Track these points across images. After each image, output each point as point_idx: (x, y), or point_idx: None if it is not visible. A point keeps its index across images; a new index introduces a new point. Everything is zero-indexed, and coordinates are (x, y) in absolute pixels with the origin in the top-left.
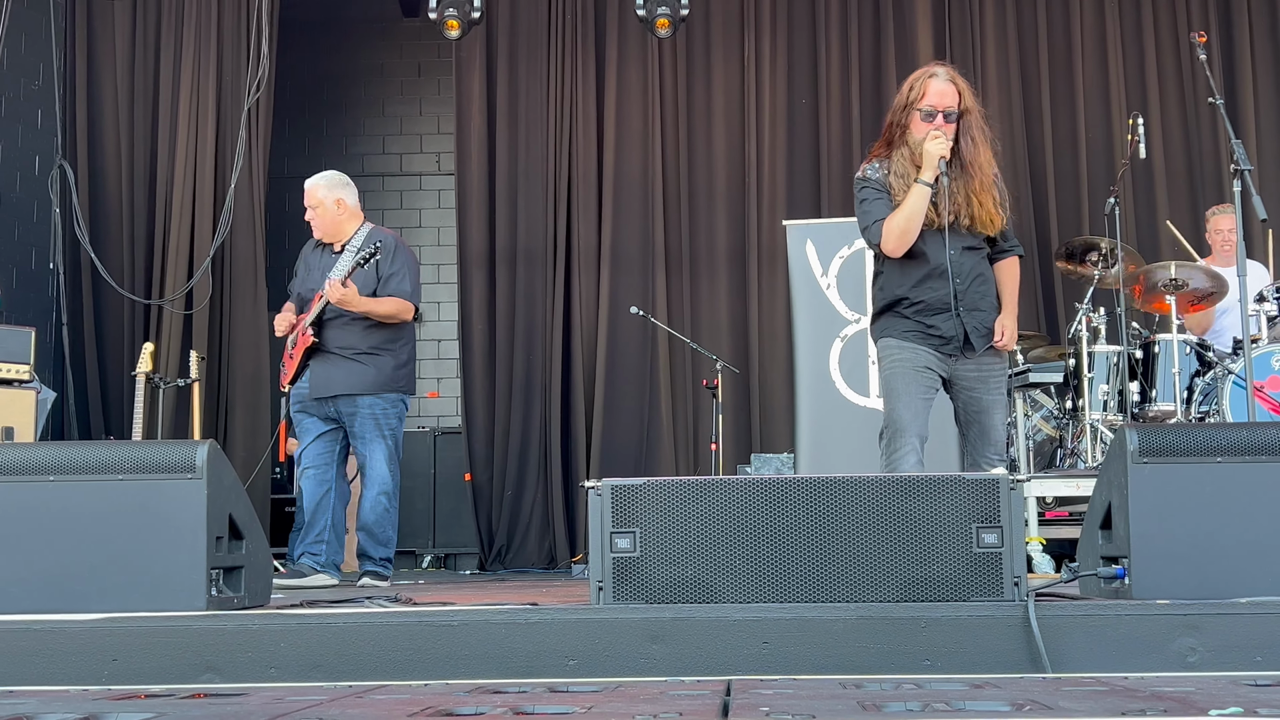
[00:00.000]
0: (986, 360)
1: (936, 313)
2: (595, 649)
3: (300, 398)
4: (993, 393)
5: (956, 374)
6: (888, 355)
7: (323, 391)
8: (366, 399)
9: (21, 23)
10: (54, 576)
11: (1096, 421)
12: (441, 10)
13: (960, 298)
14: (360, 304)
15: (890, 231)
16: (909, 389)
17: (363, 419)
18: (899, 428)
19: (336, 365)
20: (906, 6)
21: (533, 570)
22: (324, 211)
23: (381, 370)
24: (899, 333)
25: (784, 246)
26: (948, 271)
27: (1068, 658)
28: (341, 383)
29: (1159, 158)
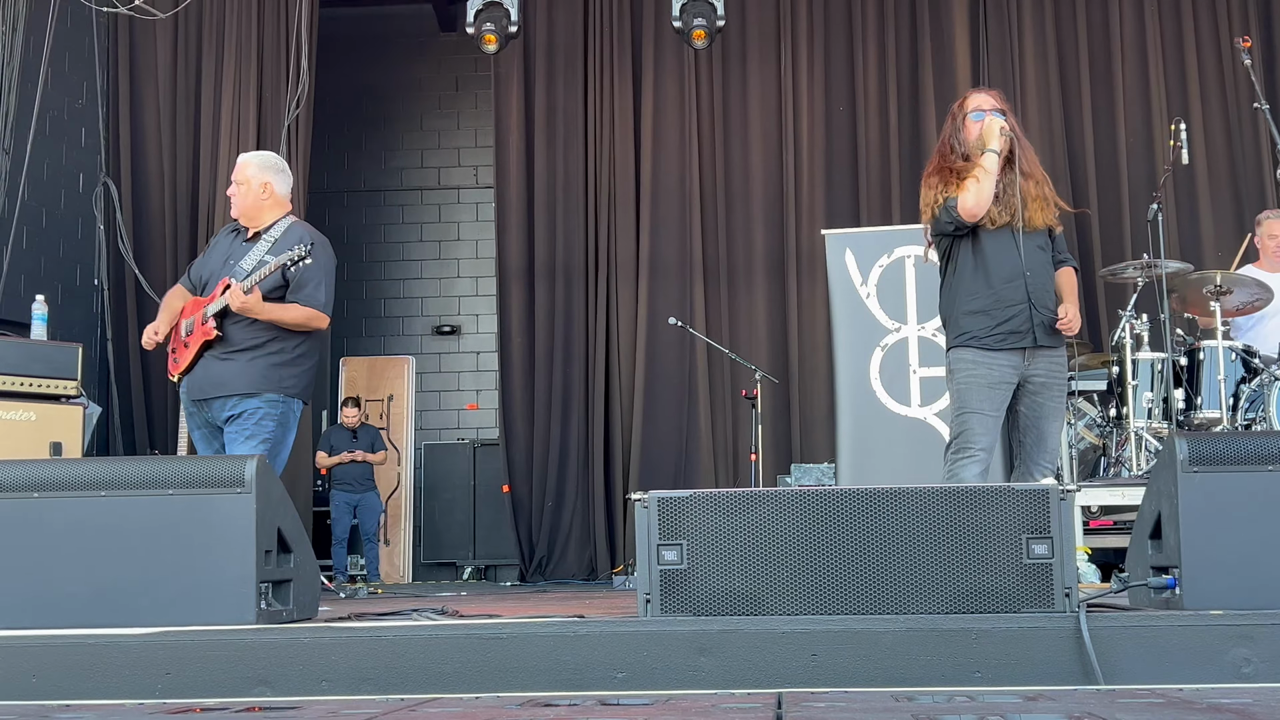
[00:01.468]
0: (1053, 366)
1: (1009, 305)
2: (643, 661)
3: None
4: (1055, 400)
5: (1026, 377)
6: (963, 369)
7: (197, 394)
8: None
9: (65, 42)
10: (107, 591)
11: (1141, 429)
12: (479, 24)
13: (1031, 291)
14: (265, 312)
15: (965, 196)
16: (983, 404)
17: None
18: (969, 439)
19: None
20: (943, 13)
21: (573, 581)
22: (248, 191)
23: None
24: (975, 340)
25: (823, 255)
26: (1022, 266)
27: (1120, 669)
28: (216, 384)
29: (1201, 163)
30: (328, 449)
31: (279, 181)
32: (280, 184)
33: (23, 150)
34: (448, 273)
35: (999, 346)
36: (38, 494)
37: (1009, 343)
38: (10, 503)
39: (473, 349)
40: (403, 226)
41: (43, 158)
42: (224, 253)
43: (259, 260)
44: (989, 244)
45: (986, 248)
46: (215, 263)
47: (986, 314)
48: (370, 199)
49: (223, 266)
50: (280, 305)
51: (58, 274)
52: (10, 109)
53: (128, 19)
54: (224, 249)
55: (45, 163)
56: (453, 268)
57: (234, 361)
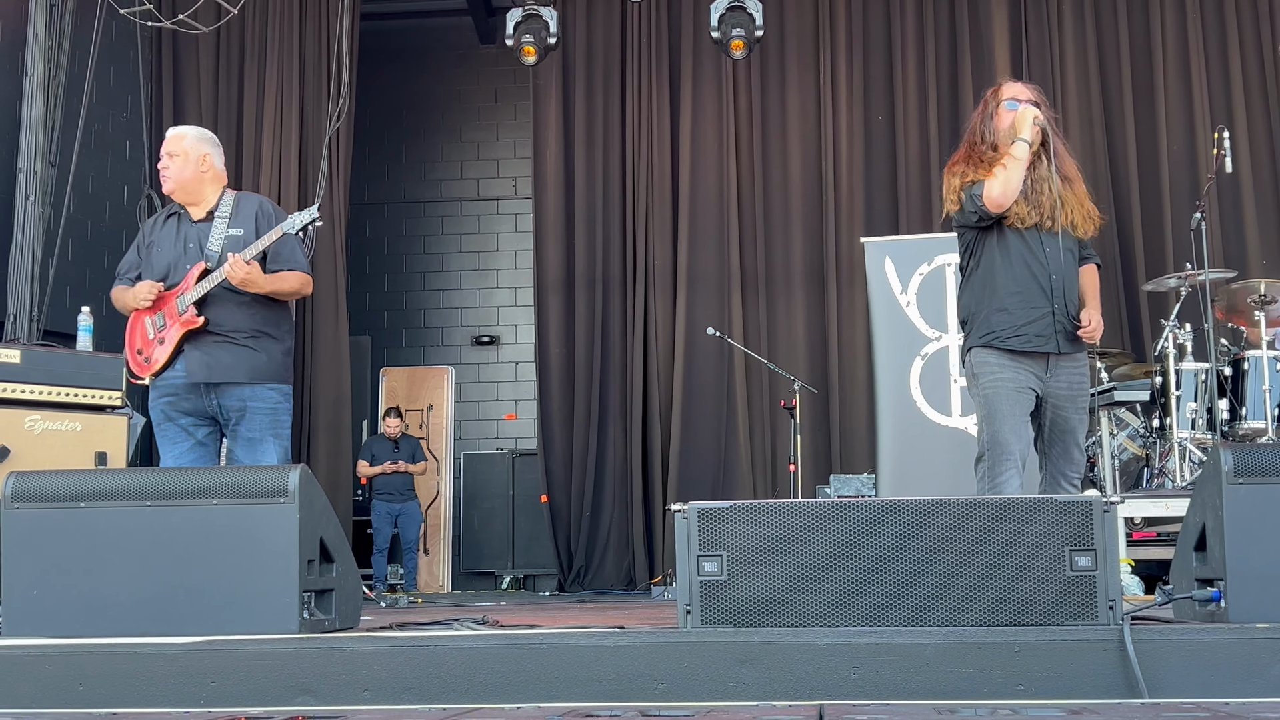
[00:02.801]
0: (1076, 378)
1: (1033, 306)
2: (684, 673)
3: (173, 389)
4: (1079, 412)
5: (1049, 390)
6: (987, 373)
7: (204, 376)
8: (257, 389)
9: (110, 55)
10: (152, 599)
11: (1185, 440)
12: (518, 36)
13: (1055, 294)
14: (264, 283)
15: (992, 184)
16: (1012, 410)
17: (253, 413)
18: (1003, 450)
19: (221, 348)
20: (983, 21)
21: (612, 592)
22: (185, 163)
23: (272, 357)
24: (998, 340)
25: (862, 264)
26: (1050, 268)
27: (1164, 683)
28: (225, 369)
29: (1245, 171)
30: (369, 458)
31: (217, 155)
32: (218, 157)
33: (68, 163)
34: (487, 283)
35: (1022, 349)
36: (84, 504)
37: (1032, 345)
38: (57, 512)
39: (511, 359)
40: (442, 237)
41: (88, 171)
42: (174, 242)
43: (225, 235)
44: (1016, 243)
45: (1013, 247)
46: (168, 254)
47: (1010, 313)
48: (410, 210)
49: (184, 254)
50: (276, 275)
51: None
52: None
53: (171, 33)
54: (170, 238)
55: (90, 175)
56: (492, 278)
57: (241, 346)
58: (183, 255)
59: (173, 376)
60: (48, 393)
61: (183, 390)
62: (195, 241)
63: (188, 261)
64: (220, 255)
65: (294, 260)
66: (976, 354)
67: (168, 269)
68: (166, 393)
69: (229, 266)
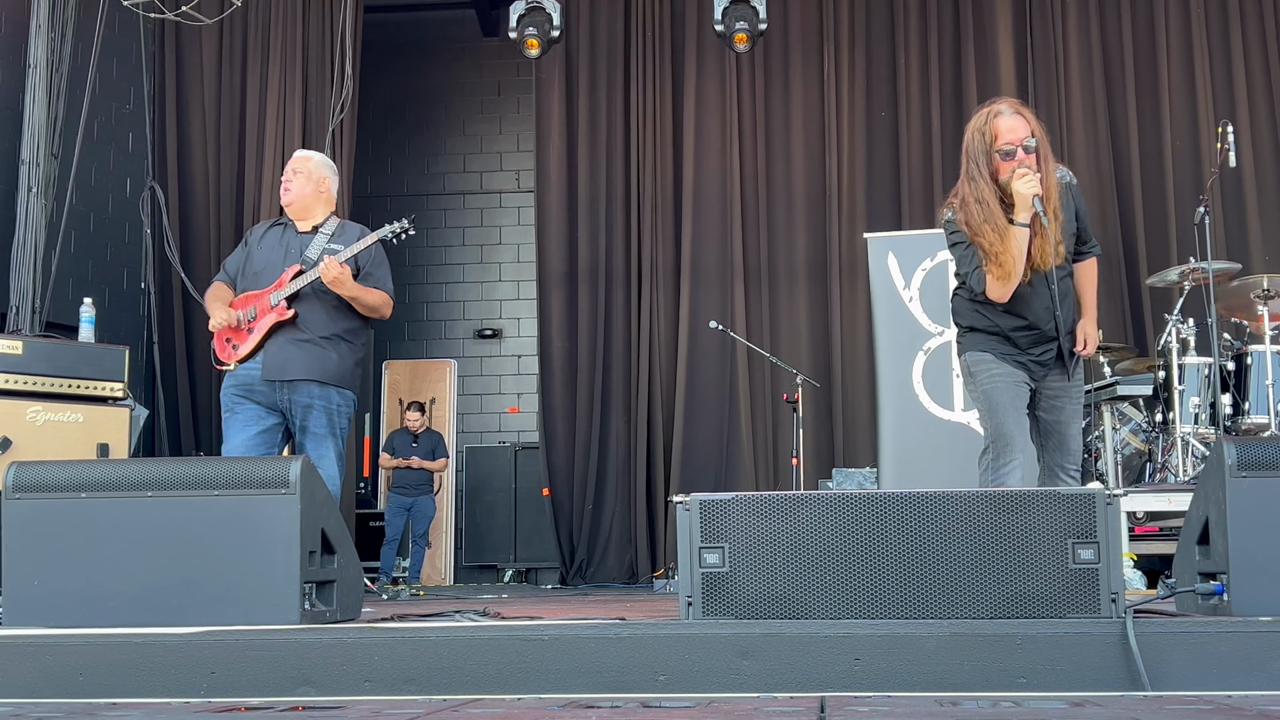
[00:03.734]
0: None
1: (1039, 344)
2: (685, 664)
3: (248, 380)
4: (1074, 403)
5: (1042, 386)
6: (984, 370)
7: (278, 374)
8: (325, 390)
9: (113, 48)
10: (153, 590)
11: (1188, 435)
12: (521, 29)
13: (1061, 327)
14: (352, 288)
15: (992, 288)
16: (1013, 402)
17: (319, 411)
18: (1006, 442)
19: (299, 347)
20: (986, 16)
21: (614, 585)
22: (307, 180)
23: (343, 360)
24: (996, 352)
25: (864, 259)
26: (1054, 305)
27: (1167, 676)
28: (302, 366)
29: (1248, 165)
30: (390, 451)
31: (334, 181)
32: (334, 184)
33: (71, 155)
34: (489, 277)
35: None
36: (85, 494)
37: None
38: (59, 503)
39: (514, 353)
40: (445, 231)
41: (90, 163)
42: (274, 247)
43: (325, 247)
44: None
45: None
46: (270, 256)
47: (1016, 346)
48: (413, 203)
49: (284, 257)
50: (362, 286)
51: (105, 277)
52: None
53: (174, 25)
54: (274, 243)
55: (93, 167)
56: (494, 272)
57: (317, 346)
58: (282, 258)
59: (251, 368)
60: (50, 384)
61: (257, 383)
62: (296, 248)
63: (286, 263)
64: (316, 262)
65: (383, 282)
66: (972, 354)
67: (262, 269)
68: (243, 381)
69: (323, 266)
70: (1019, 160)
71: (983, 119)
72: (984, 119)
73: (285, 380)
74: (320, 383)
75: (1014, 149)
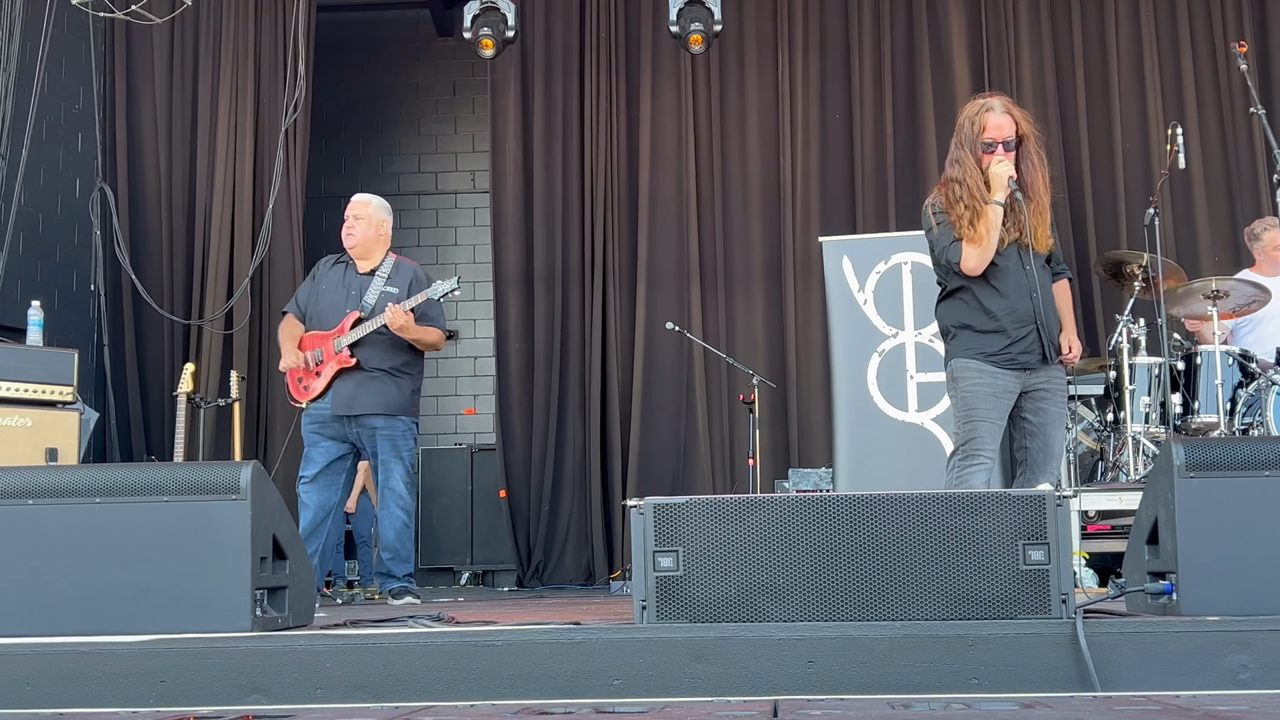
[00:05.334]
0: (1056, 375)
1: (1020, 325)
2: (639, 669)
3: (320, 418)
4: (1059, 405)
5: (1030, 386)
6: (968, 378)
7: (345, 410)
8: (387, 420)
9: (62, 47)
10: (100, 598)
11: (1138, 434)
12: (476, 30)
13: (1040, 312)
14: (415, 332)
15: (968, 250)
16: (990, 412)
17: (384, 439)
18: (977, 446)
19: (362, 384)
20: (940, 20)
21: (571, 587)
22: (368, 226)
23: (403, 392)
24: (983, 355)
25: (819, 260)
26: (1031, 285)
27: (1117, 676)
28: (365, 402)
29: (1196, 168)
30: None
31: (390, 222)
32: (390, 225)
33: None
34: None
35: (1007, 366)
36: (33, 500)
37: (1018, 363)
38: (5, 509)
39: (470, 354)
40: (400, 231)
41: (39, 163)
42: (337, 287)
43: (381, 291)
44: (998, 263)
45: (996, 268)
46: (333, 296)
47: (998, 334)
48: None
49: (346, 300)
50: (421, 328)
51: (54, 279)
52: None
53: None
54: (335, 283)
55: (42, 168)
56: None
57: (379, 381)
58: (344, 301)
59: (322, 406)
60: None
61: (329, 420)
62: (357, 290)
63: (347, 307)
64: (374, 307)
65: (438, 321)
66: (958, 361)
67: (326, 309)
68: (315, 418)
69: (389, 314)
70: (997, 154)
71: (975, 109)
72: (977, 109)
73: (353, 415)
74: (385, 415)
75: (995, 145)
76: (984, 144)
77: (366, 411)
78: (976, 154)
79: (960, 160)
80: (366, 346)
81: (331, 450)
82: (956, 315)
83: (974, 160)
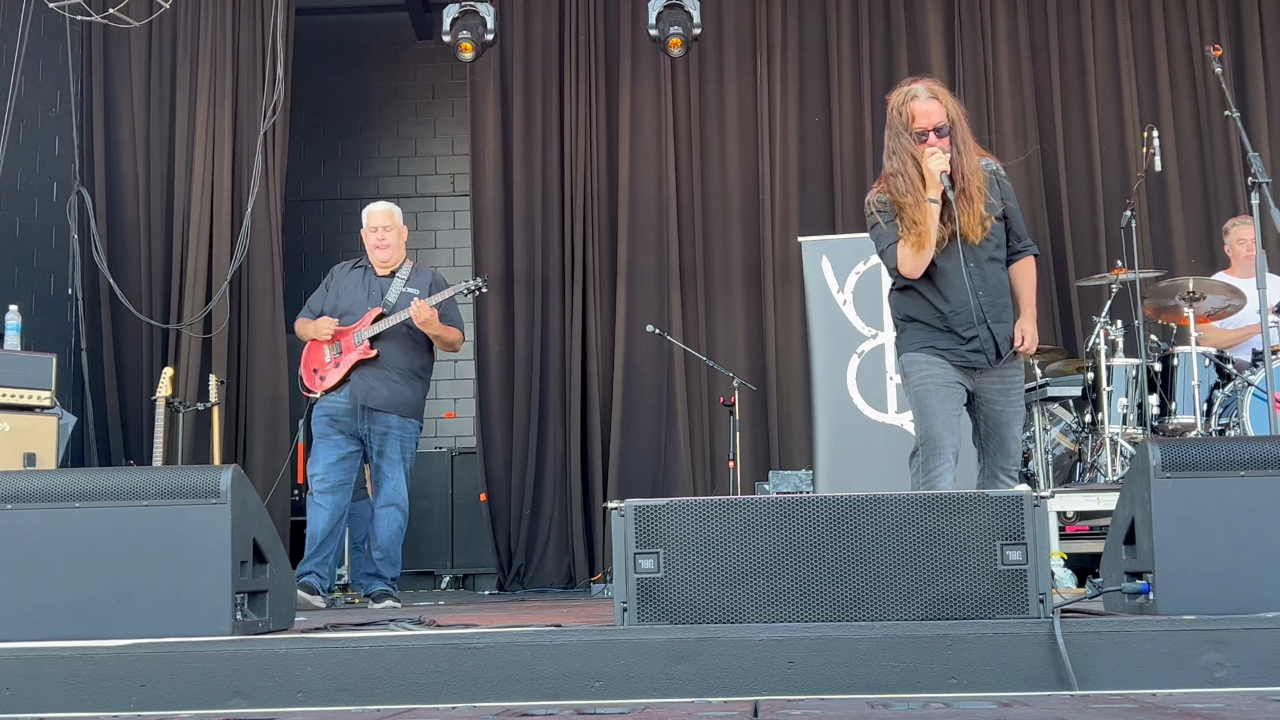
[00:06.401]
0: (1009, 373)
1: (967, 326)
2: (620, 670)
3: (333, 410)
4: (1014, 405)
5: (980, 387)
6: (916, 371)
7: (364, 401)
8: (402, 421)
9: (39, 50)
10: (80, 603)
11: (1116, 435)
12: (455, 33)
13: (986, 311)
14: (439, 327)
15: (905, 254)
16: (943, 405)
17: (392, 439)
18: (936, 445)
19: (382, 381)
20: (919, 24)
21: (552, 590)
22: (399, 235)
23: (416, 394)
24: (927, 347)
25: (798, 263)
26: (975, 283)
27: (1094, 674)
28: (385, 398)
29: (1172, 170)
30: None
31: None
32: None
33: None
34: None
35: (956, 363)
36: (11, 505)
37: (968, 360)
38: None
39: (450, 357)
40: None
41: (16, 166)
42: (356, 287)
43: (402, 291)
44: (939, 264)
45: (936, 267)
46: (354, 296)
47: (946, 334)
48: (347, 207)
49: (366, 298)
50: (445, 326)
51: (31, 283)
52: None
53: (102, 27)
54: (355, 285)
55: (19, 171)
56: None
57: (397, 383)
58: (365, 299)
59: (336, 399)
60: None
61: (341, 412)
62: (378, 290)
63: (369, 304)
64: (396, 304)
65: (456, 321)
66: (907, 355)
67: (347, 309)
68: (329, 411)
69: (414, 307)
70: (930, 143)
71: (901, 97)
72: (902, 98)
73: (370, 408)
74: (400, 415)
75: (926, 133)
76: (915, 135)
77: (384, 408)
78: (910, 146)
79: (895, 152)
80: (388, 343)
81: (341, 445)
82: (904, 308)
83: (908, 153)
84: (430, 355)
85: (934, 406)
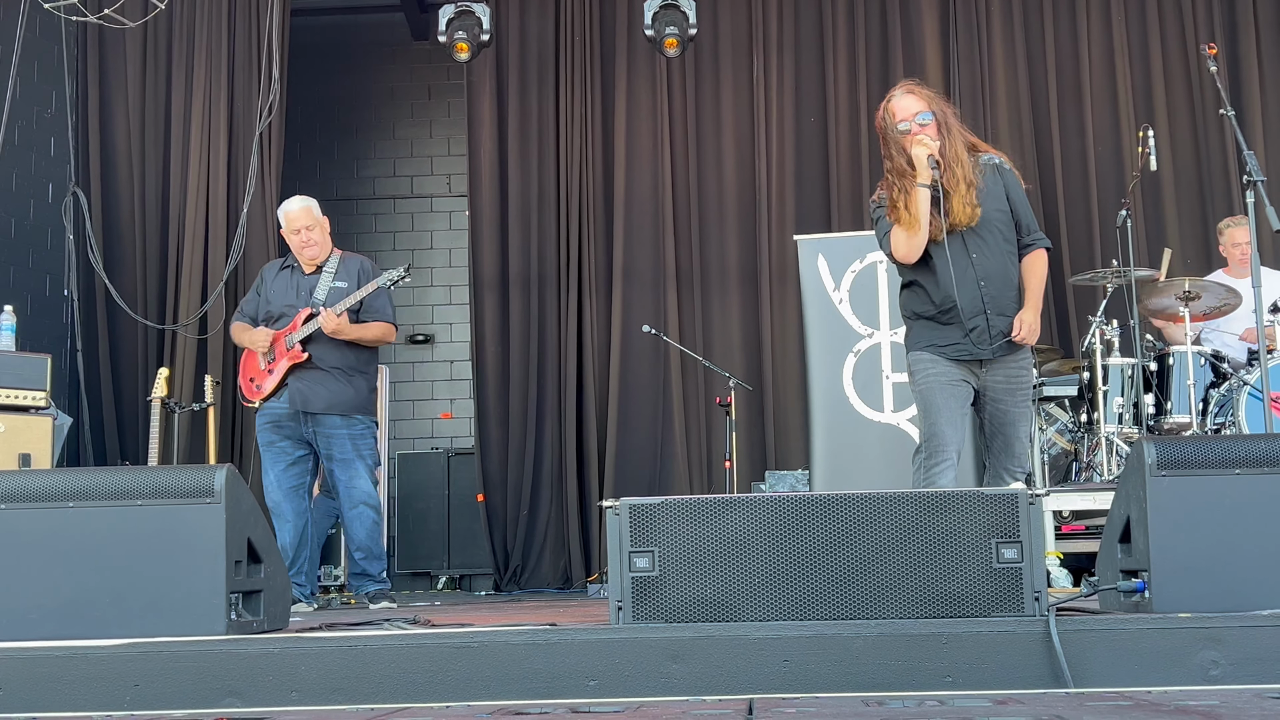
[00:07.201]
0: (1014, 371)
1: (968, 316)
2: (615, 669)
3: (275, 417)
4: (1019, 404)
5: (986, 385)
6: (921, 370)
7: (303, 406)
8: (346, 420)
9: (34, 51)
10: (75, 602)
11: (1112, 434)
12: (451, 33)
13: (988, 301)
14: (352, 332)
15: (898, 237)
16: (947, 403)
17: (340, 440)
18: (939, 443)
19: (319, 382)
20: (914, 25)
21: (548, 590)
22: (322, 233)
23: (359, 392)
24: (931, 345)
25: (795, 262)
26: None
27: (1089, 672)
28: (325, 402)
29: (1168, 170)
30: None
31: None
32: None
33: None
34: (421, 281)
35: (957, 357)
36: (5, 505)
37: (969, 354)
38: None
39: (446, 358)
40: (376, 235)
41: (11, 167)
42: (287, 287)
43: (330, 286)
44: (939, 253)
45: (937, 258)
46: (284, 299)
47: (949, 327)
48: (342, 208)
49: (296, 299)
50: (361, 325)
51: (27, 284)
52: None
53: (97, 28)
54: (285, 284)
55: (14, 173)
56: (426, 276)
57: (337, 382)
58: (295, 301)
59: (277, 406)
60: None
61: (284, 418)
62: (306, 289)
63: (299, 305)
64: (326, 300)
65: (382, 313)
66: (913, 354)
67: (279, 311)
68: (270, 419)
69: (322, 318)
70: (914, 133)
71: (885, 103)
72: (886, 102)
73: (310, 412)
74: (343, 415)
75: (909, 124)
76: (899, 129)
77: (324, 410)
78: (896, 138)
79: (890, 154)
80: (320, 344)
81: (288, 451)
82: (909, 305)
83: (898, 148)
84: (370, 350)
85: (938, 404)
